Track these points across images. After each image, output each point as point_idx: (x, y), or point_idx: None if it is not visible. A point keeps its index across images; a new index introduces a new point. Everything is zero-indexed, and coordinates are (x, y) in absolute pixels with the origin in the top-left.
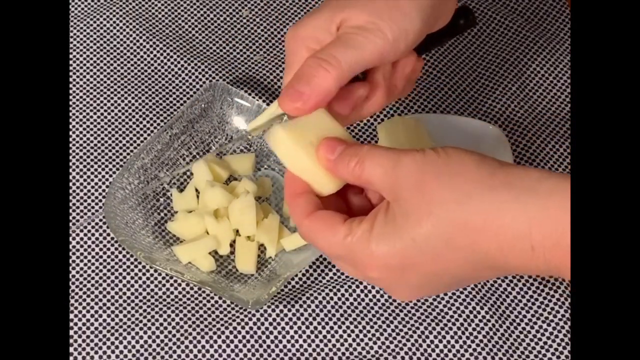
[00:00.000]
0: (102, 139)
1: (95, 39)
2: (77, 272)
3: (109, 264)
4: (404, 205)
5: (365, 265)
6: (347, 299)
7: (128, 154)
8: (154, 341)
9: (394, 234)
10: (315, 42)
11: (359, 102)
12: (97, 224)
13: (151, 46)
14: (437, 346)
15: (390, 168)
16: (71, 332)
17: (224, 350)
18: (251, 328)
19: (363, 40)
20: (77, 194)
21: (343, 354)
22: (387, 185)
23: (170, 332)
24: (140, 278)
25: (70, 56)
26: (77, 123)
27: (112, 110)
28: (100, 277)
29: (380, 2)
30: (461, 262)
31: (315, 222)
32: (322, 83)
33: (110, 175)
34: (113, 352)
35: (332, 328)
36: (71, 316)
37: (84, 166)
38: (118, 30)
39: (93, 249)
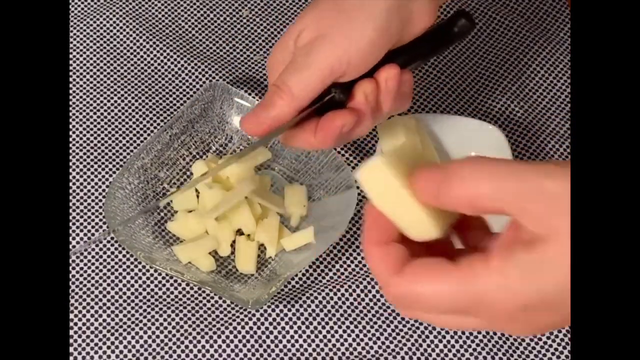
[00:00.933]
0: (102, 139)
1: (95, 39)
2: (77, 272)
3: (109, 264)
4: (539, 223)
5: (499, 310)
6: (347, 299)
7: (128, 154)
8: (154, 341)
9: (544, 265)
10: (282, 64)
11: (344, 131)
12: (97, 223)
13: (151, 46)
14: (437, 346)
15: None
16: (71, 332)
17: (224, 350)
18: (251, 328)
19: (310, 59)
20: (77, 194)
21: (343, 354)
22: (512, 194)
23: (170, 332)
24: (140, 278)
25: (70, 56)
26: (77, 123)
27: (112, 110)
28: (100, 277)
29: (330, 14)
30: None
31: (417, 270)
32: (277, 111)
33: (110, 175)
34: (113, 352)
35: (332, 328)
36: (71, 316)
37: (84, 166)
38: (118, 30)
39: (93, 249)
